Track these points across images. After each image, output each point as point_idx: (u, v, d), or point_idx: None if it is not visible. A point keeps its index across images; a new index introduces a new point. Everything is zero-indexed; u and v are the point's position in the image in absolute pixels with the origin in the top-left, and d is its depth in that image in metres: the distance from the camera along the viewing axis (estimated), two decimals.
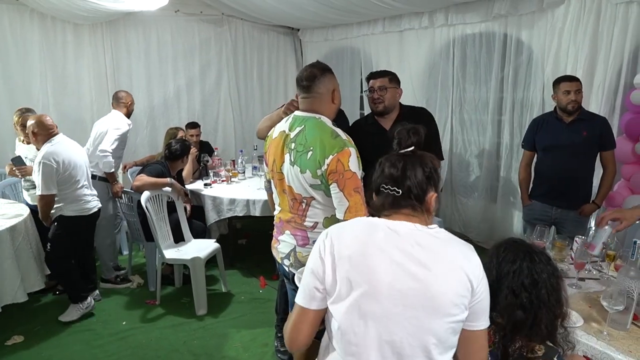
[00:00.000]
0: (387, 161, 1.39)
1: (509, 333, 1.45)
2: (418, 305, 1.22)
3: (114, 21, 5.33)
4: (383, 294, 1.23)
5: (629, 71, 3.56)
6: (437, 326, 1.22)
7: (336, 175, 1.90)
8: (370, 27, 5.61)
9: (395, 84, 2.88)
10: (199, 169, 4.93)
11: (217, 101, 6.29)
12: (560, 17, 3.89)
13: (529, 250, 1.50)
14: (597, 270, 2.44)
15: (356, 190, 1.91)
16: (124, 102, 4.30)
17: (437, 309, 1.21)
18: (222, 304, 3.81)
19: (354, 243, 1.30)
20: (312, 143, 1.96)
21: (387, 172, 1.37)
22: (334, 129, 1.99)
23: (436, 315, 1.22)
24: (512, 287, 1.45)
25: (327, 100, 2.06)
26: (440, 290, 1.22)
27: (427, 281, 1.22)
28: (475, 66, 4.73)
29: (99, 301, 3.83)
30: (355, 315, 1.25)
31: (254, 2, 5.17)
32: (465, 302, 1.23)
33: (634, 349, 1.71)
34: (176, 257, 3.70)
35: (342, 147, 1.92)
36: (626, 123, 3.41)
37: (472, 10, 4.51)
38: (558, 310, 1.46)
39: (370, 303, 1.24)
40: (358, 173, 1.94)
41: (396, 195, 1.34)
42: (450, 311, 1.22)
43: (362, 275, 1.26)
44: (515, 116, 4.47)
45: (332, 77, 2.07)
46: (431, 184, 1.37)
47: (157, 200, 3.77)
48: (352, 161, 1.92)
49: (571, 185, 3.20)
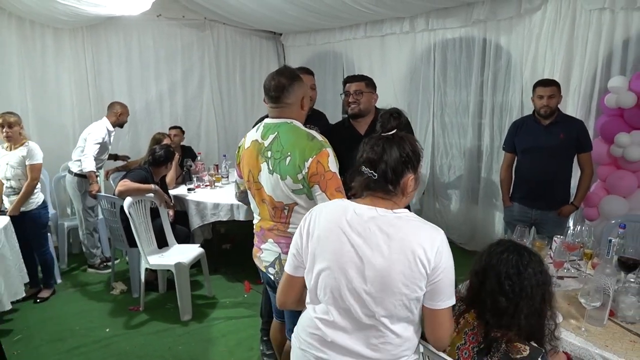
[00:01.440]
0: (369, 143, 1.46)
1: (491, 320, 1.50)
2: (369, 283, 1.36)
3: (95, 25, 5.28)
4: (338, 271, 1.40)
5: (603, 75, 3.66)
6: (387, 302, 1.36)
7: (317, 177, 1.90)
8: (352, 32, 5.66)
9: (371, 89, 2.90)
10: (182, 173, 4.90)
11: (200, 106, 6.27)
12: (537, 23, 4.00)
13: (519, 247, 1.55)
14: (575, 268, 2.50)
15: (338, 189, 1.91)
16: (115, 112, 4.58)
17: (387, 288, 1.35)
18: (207, 309, 3.80)
19: (324, 223, 1.45)
20: (289, 148, 1.94)
21: (367, 155, 1.45)
22: (308, 132, 1.99)
23: (386, 293, 1.35)
24: (497, 275, 1.50)
25: (296, 109, 2.05)
26: (390, 272, 1.34)
27: (379, 264, 1.35)
28: (456, 70, 4.81)
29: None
30: (319, 285, 1.45)
31: (237, 6, 5.17)
32: (418, 283, 1.34)
33: (610, 344, 1.76)
34: (160, 262, 3.68)
35: (320, 149, 1.92)
36: (601, 126, 3.51)
37: (452, 15, 4.60)
38: (542, 308, 1.50)
39: (328, 278, 1.42)
40: (337, 173, 1.94)
41: (372, 177, 1.42)
42: (400, 290, 1.35)
43: (324, 253, 1.43)
44: (495, 119, 4.55)
45: (301, 84, 2.04)
46: (408, 167, 1.43)
47: (140, 206, 3.75)
48: (331, 161, 1.92)
49: (550, 187, 3.27)
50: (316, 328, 1.48)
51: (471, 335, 1.55)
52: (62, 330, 3.47)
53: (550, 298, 1.53)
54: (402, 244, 1.35)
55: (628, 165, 3.38)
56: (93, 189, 4.27)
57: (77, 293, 4.13)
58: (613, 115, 3.44)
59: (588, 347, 1.75)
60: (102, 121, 4.55)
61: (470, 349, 1.53)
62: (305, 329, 1.52)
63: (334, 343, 1.44)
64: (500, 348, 1.47)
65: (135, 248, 3.70)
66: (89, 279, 4.40)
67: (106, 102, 5.25)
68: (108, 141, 4.55)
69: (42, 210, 3.81)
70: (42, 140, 5.01)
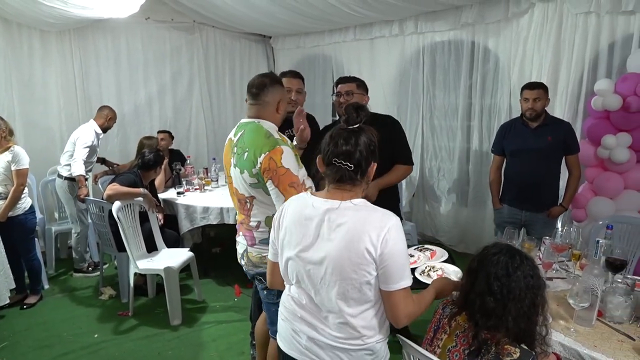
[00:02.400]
0: (340, 137, 1.54)
1: (480, 320, 1.51)
2: (323, 269, 1.51)
3: (83, 28, 5.24)
4: (299, 258, 1.56)
5: (590, 78, 3.71)
6: (339, 286, 1.49)
7: (270, 172, 2.01)
8: (341, 35, 5.68)
9: (362, 91, 2.90)
10: (171, 177, 4.88)
11: (189, 109, 6.24)
12: (524, 26, 4.04)
13: (512, 250, 1.56)
14: (563, 269, 2.52)
15: (291, 185, 2.01)
16: (104, 115, 4.57)
17: (338, 273, 1.48)
18: (197, 313, 3.77)
19: (291, 216, 1.61)
20: (248, 144, 2.09)
21: (342, 148, 1.52)
22: (268, 131, 2.10)
23: (338, 278, 1.49)
24: (486, 276, 1.52)
25: (272, 110, 2.17)
26: (340, 259, 1.47)
27: (329, 251, 1.49)
28: (445, 73, 4.84)
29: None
30: (288, 271, 1.63)
31: (226, 9, 5.16)
32: (365, 268, 1.46)
33: (598, 344, 1.77)
34: (149, 267, 3.65)
35: (274, 146, 2.02)
36: (588, 128, 3.54)
37: (440, 18, 4.63)
38: (531, 311, 1.50)
39: (293, 264, 1.59)
40: (293, 169, 2.02)
41: (348, 169, 1.51)
42: (349, 275, 1.47)
43: (290, 243, 1.59)
44: (484, 122, 4.59)
45: (281, 89, 2.20)
46: (374, 156, 1.56)
47: (129, 210, 3.71)
48: (284, 158, 2.01)
49: (539, 189, 3.30)
50: (290, 304, 1.66)
51: (462, 337, 1.55)
52: (50, 337, 3.42)
53: (543, 303, 1.54)
54: (351, 233, 1.46)
55: (614, 166, 3.42)
56: (82, 193, 4.25)
57: (65, 299, 4.08)
58: (599, 117, 3.48)
59: (577, 348, 1.76)
60: (90, 124, 4.51)
61: (461, 351, 1.54)
62: (284, 303, 1.70)
63: (303, 319, 1.61)
64: (491, 350, 1.47)
65: (124, 252, 3.67)
66: (77, 284, 4.35)
67: (94, 105, 5.22)
68: (97, 144, 4.53)
69: (29, 216, 3.77)
70: (29, 144, 4.96)
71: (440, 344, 1.61)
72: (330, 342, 1.55)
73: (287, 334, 1.67)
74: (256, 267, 2.25)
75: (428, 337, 1.68)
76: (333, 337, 1.54)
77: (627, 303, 1.93)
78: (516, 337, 1.49)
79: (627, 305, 1.93)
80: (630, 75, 3.30)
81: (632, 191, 3.44)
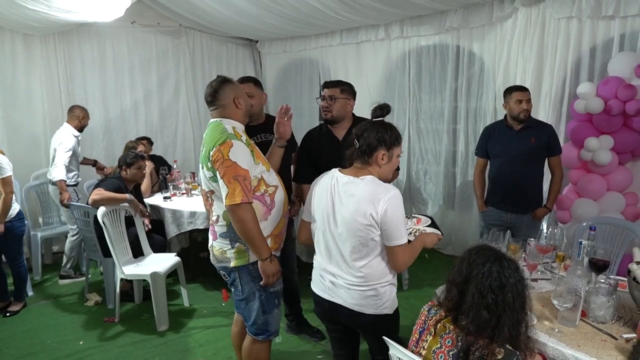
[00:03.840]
0: (359, 126, 2.01)
1: (473, 333, 1.50)
2: (338, 227, 1.96)
3: (67, 32, 5.19)
4: (323, 218, 2.02)
5: (573, 81, 3.77)
6: (350, 240, 1.93)
7: (217, 163, 2.11)
8: (328, 39, 5.70)
9: (347, 95, 2.86)
10: (158, 182, 4.84)
11: (176, 113, 6.20)
12: (508, 30, 4.09)
13: (499, 256, 1.55)
14: (548, 270, 2.55)
15: (235, 177, 2.09)
16: (76, 116, 4.50)
17: (350, 231, 1.92)
18: (184, 318, 3.74)
19: (319, 186, 2.08)
20: (206, 141, 2.22)
21: (354, 132, 2.00)
22: (225, 127, 2.20)
23: (349, 234, 1.93)
24: (479, 288, 1.50)
25: (232, 108, 2.28)
26: (349, 219, 1.91)
27: (344, 214, 1.93)
28: (430, 77, 4.88)
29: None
30: (314, 226, 2.10)
31: (212, 14, 5.15)
32: (370, 229, 1.88)
33: (582, 344, 1.80)
34: (135, 272, 3.61)
35: (225, 140, 2.12)
36: (571, 130, 3.59)
37: (426, 23, 4.67)
38: (521, 315, 1.52)
39: (318, 222, 2.06)
40: (241, 163, 2.11)
41: (356, 147, 1.96)
42: (358, 233, 1.90)
43: (317, 207, 2.06)
44: (470, 125, 4.63)
45: (230, 86, 2.29)
46: (381, 145, 1.94)
47: (114, 215, 3.68)
48: (233, 151, 2.10)
49: (523, 191, 3.34)
50: (319, 256, 2.11)
51: (447, 339, 1.56)
52: (33, 345, 3.37)
53: (529, 303, 1.55)
54: (359, 200, 1.89)
55: (597, 168, 3.47)
56: (63, 198, 4.20)
57: (50, 305, 4.02)
58: (582, 120, 3.53)
59: (561, 348, 1.78)
60: (65, 128, 4.45)
61: (446, 353, 1.55)
62: (316, 256, 2.14)
63: (326, 269, 2.06)
64: (476, 352, 1.48)
65: (110, 258, 3.64)
66: (62, 291, 4.30)
67: None
68: (77, 147, 4.51)
69: (16, 222, 3.70)
70: (12, 150, 4.91)
71: (425, 345, 1.62)
72: (344, 284, 1.98)
73: (316, 279, 2.13)
74: (219, 261, 2.33)
75: (414, 339, 1.69)
76: (346, 280, 1.98)
77: (610, 303, 1.96)
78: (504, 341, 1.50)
79: (609, 305, 1.96)
80: (611, 79, 3.36)
81: (615, 192, 3.50)
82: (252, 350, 2.44)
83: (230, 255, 2.27)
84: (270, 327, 2.39)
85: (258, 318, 2.34)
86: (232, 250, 2.26)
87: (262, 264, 2.21)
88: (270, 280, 2.25)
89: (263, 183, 2.24)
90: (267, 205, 2.26)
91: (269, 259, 2.22)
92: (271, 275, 2.24)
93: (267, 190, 2.25)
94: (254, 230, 2.15)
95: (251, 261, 2.25)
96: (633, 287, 1.97)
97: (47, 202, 4.80)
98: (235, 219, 2.13)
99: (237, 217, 2.11)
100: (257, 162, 2.22)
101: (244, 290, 2.32)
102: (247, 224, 2.12)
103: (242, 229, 2.14)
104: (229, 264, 2.29)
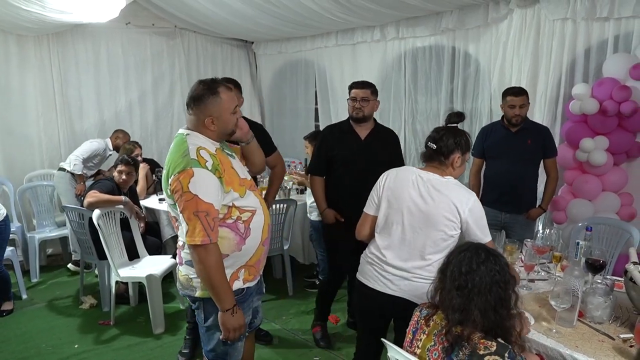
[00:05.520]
0: (435, 130, 2.19)
1: (450, 315, 1.54)
2: (421, 220, 2.07)
3: (61, 33, 5.16)
4: (404, 211, 2.10)
5: (568, 82, 3.77)
6: (432, 234, 2.05)
7: (177, 194, 1.83)
8: (323, 40, 5.69)
9: (375, 97, 3.13)
10: (153, 183, 4.82)
11: (171, 115, 6.17)
12: (504, 31, 4.09)
13: (478, 247, 1.60)
14: (545, 271, 2.56)
15: (196, 214, 1.79)
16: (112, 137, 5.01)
17: (433, 224, 2.04)
18: (180, 321, 3.72)
19: (396, 181, 2.17)
20: (167, 160, 1.93)
21: (431, 135, 2.17)
22: (188, 148, 1.86)
23: (432, 228, 2.05)
24: (452, 272, 1.58)
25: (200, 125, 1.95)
26: (436, 213, 2.03)
27: (429, 208, 2.05)
28: (426, 78, 4.88)
29: None
30: (390, 220, 2.15)
31: (207, 15, 5.14)
32: (453, 224, 2.03)
33: (580, 344, 1.80)
34: (131, 274, 3.59)
35: (185, 167, 1.81)
36: (566, 131, 3.61)
37: (421, 24, 4.67)
38: (500, 305, 1.52)
39: (397, 215, 2.13)
40: (203, 195, 1.80)
41: (433, 149, 2.12)
42: (441, 228, 2.03)
43: (396, 200, 2.14)
44: (465, 126, 4.62)
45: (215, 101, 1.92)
46: (458, 149, 2.11)
47: (109, 217, 3.66)
48: (193, 183, 1.79)
49: (518, 191, 3.35)
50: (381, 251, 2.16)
51: (440, 336, 1.58)
52: (27, 349, 3.34)
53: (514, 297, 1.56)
54: (446, 197, 2.03)
55: (593, 169, 3.48)
56: (78, 189, 4.50)
57: (44, 308, 3.99)
58: (577, 121, 3.55)
59: (559, 349, 1.78)
60: (107, 140, 4.96)
61: (440, 350, 1.56)
62: (373, 250, 2.21)
63: (392, 264, 2.12)
64: (466, 346, 1.48)
65: (105, 260, 3.62)
66: (57, 294, 4.27)
67: (74, 111, 5.20)
68: (104, 155, 4.88)
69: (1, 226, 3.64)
70: (6, 151, 4.89)
71: (419, 344, 1.64)
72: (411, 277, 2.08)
73: (372, 273, 2.19)
74: (184, 288, 2.05)
75: (407, 340, 1.72)
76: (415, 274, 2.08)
77: (607, 303, 1.97)
78: (488, 331, 1.51)
79: (606, 305, 1.97)
80: (606, 80, 3.37)
81: (610, 193, 3.51)
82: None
83: (196, 284, 1.98)
84: (230, 357, 2.07)
85: (218, 347, 2.04)
86: (197, 279, 1.95)
87: (223, 315, 1.89)
88: (230, 336, 1.92)
89: (235, 209, 1.93)
90: (241, 234, 1.95)
91: (231, 310, 1.89)
92: (232, 330, 1.91)
93: (241, 216, 1.95)
94: (216, 276, 1.84)
95: None
96: (630, 288, 1.98)
97: (41, 204, 4.77)
98: (195, 260, 1.85)
99: (197, 259, 1.84)
100: (227, 190, 1.89)
101: (207, 320, 2.02)
102: (207, 269, 1.83)
103: (202, 273, 1.86)
104: (194, 292, 1.99)
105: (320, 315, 3.43)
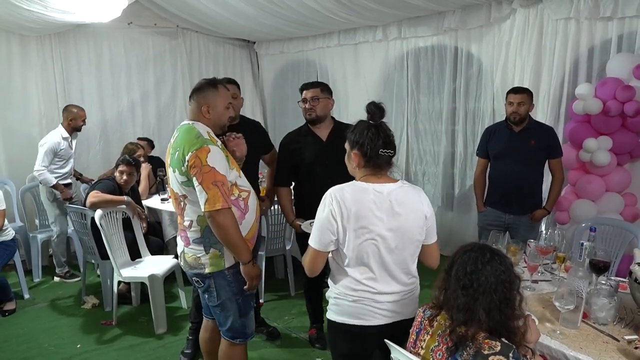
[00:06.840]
0: (381, 131, 1.89)
1: (454, 315, 1.53)
2: (397, 240, 1.86)
3: (64, 33, 5.17)
4: (377, 239, 1.84)
5: (571, 82, 3.77)
6: (409, 248, 1.90)
7: (195, 169, 2.06)
8: (325, 40, 5.69)
9: (327, 94, 2.98)
10: (155, 183, 4.82)
11: (173, 115, 6.17)
12: (506, 31, 4.09)
13: (484, 247, 1.59)
14: (549, 272, 2.54)
15: (214, 183, 2.06)
16: (65, 117, 4.42)
17: (410, 239, 1.89)
18: (183, 321, 3.71)
19: (354, 204, 1.82)
20: (179, 144, 2.16)
21: (386, 140, 1.88)
22: (199, 131, 2.16)
23: (410, 243, 1.89)
24: (457, 272, 1.56)
25: (199, 113, 2.23)
26: (410, 227, 1.88)
27: (400, 224, 1.85)
28: (429, 78, 4.88)
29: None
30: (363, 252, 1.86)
31: (209, 14, 5.14)
32: (423, 230, 1.91)
33: (584, 346, 1.79)
34: (133, 274, 3.59)
35: (202, 145, 2.09)
36: (570, 131, 3.60)
37: (423, 24, 4.67)
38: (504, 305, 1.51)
39: (370, 246, 1.84)
40: (219, 168, 2.08)
41: (390, 155, 1.90)
42: (417, 238, 1.91)
43: (362, 229, 1.83)
44: (468, 126, 4.63)
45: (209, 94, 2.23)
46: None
47: (111, 217, 3.66)
48: (210, 157, 2.07)
49: (522, 192, 3.33)
50: (364, 284, 1.89)
51: (444, 336, 1.57)
52: (29, 349, 3.34)
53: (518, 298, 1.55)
54: (413, 206, 1.88)
55: (596, 169, 3.47)
56: (66, 195, 4.29)
57: (46, 308, 3.99)
58: (581, 121, 3.54)
59: (563, 350, 1.77)
60: (57, 129, 4.41)
61: (444, 350, 1.56)
62: (353, 286, 1.91)
63: (381, 292, 1.90)
64: (470, 346, 1.48)
65: (107, 260, 3.61)
66: (59, 294, 4.27)
67: None
68: (66, 149, 4.38)
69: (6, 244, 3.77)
70: (8, 151, 4.89)
71: (423, 345, 1.64)
72: (399, 298, 1.92)
73: (362, 310, 1.92)
74: (192, 268, 2.26)
75: (411, 340, 1.71)
76: (402, 293, 1.93)
77: (611, 304, 1.95)
78: (493, 331, 1.50)
79: (611, 306, 1.95)
80: (609, 80, 3.36)
81: (613, 193, 3.50)
82: (231, 354, 2.39)
83: (205, 261, 2.21)
84: (248, 329, 2.36)
85: (235, 322, 2.30)
86: (206, 256, 2.21)
87: (245, 267, 2.20)
88: (253, 284, 2.24)
89: (236, 188, 2.20)
90: (242, 209, 2.23)
91: (251, 262, 2.21)
92: (254, 278, 2.23)
93: (241, 194, 2.22)
94: (236, 234, 2.13)
95: (227, 266, 2.22)
96: (634, 289, 1.97)
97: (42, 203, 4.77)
98: (216, 224, 2.09)
99: (218, 222, 2.08)
100: (232, 168, 2.20)
101: (220, 296, 2.26)
102: (229, 229, 2.10)
103: (224, 235, 2.11)
104: (203, 270, 2.23)
105: (313, 316, 3.37)
